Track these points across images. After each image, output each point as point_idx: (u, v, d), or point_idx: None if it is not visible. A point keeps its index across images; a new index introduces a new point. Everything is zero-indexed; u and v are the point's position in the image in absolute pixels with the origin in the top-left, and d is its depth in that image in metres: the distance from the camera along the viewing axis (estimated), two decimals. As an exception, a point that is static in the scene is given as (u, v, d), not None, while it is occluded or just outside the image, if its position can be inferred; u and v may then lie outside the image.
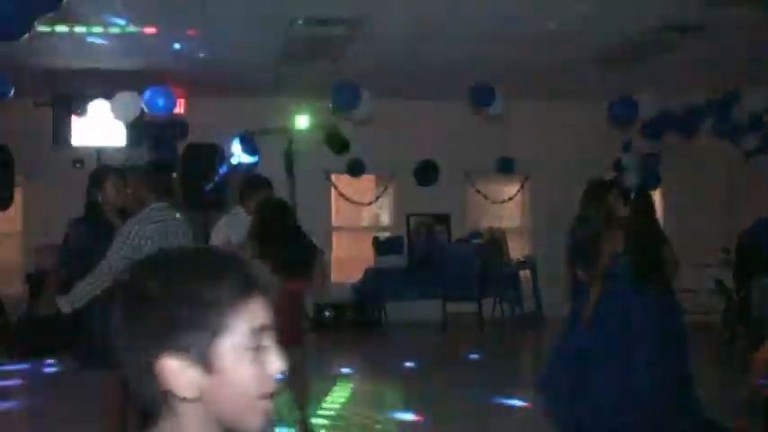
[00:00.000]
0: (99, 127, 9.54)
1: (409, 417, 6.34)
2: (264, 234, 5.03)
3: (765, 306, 7.89)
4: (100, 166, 6.44)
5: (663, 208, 12.78)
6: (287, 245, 5.07)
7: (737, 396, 5.84)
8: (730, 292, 8.59)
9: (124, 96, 8.56)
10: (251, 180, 5.76)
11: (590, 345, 5.31)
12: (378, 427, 5.91)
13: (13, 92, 7.87)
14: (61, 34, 7.82)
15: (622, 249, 5.35)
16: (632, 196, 5.65)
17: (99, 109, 9.03)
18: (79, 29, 7.73)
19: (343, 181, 11.88)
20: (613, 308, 5.30)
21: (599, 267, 5.39)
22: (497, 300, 11.39)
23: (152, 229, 4.36)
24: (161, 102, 8.65)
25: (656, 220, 5.72)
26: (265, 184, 5.68)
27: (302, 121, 10.30)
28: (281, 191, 5.82)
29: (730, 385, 7.58)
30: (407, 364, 8.63)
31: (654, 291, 5.36)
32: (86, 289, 4.30)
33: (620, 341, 5.24)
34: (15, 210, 10.52)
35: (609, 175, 11.20)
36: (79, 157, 10.78)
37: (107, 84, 9.30)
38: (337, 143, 10.36)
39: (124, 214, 4.59)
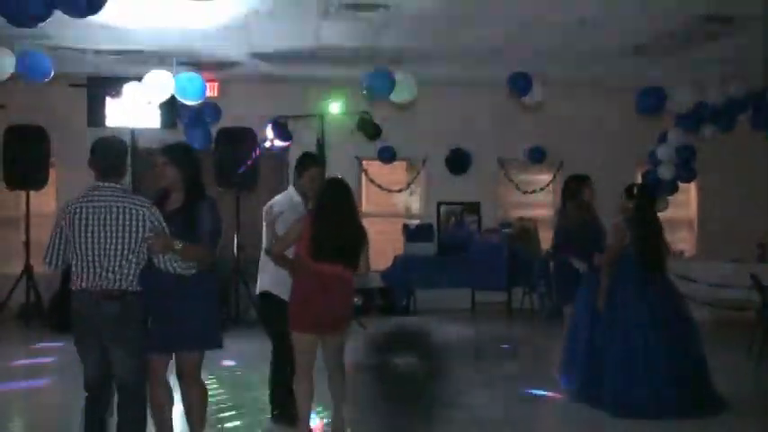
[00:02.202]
0: (134, 108, 9.58)
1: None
2: (323, 217, 4.98)
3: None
4: None
5: (698, 201, 12.62)
6: (343, 230, 4.99)
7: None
8: (765, 288, 8.43)
9: (157, 75, 8.59)
10: (300, 158, 5.71)
11: (603, 329, 5.97)
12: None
13: (52, 74, 7.96)
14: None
15: (629, 239, 6.02)
16: (635, 191, 6.29)
17: (133, 90, 9.08)
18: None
19: (374, 167, 11.86)
20: (624, 293, 5.96)
21: (606, 259, 6.05)
22: (526, 290, 11.32)
23: None
24: (190, 88, 8.69)
25: (655, 212, 6.38)
26: (312, 161, 5.62)
27: (334, 107, 10.28)
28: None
29: (762, 386, 7.47)
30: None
31: (658, 276, 6.09)
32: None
33: (631, 324, 5.87)
34: (50, 190, 10.64)
35: (643, 168, 11.11)
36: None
37: (141, 65, 9.37)
38: (369, 129, 10.33)
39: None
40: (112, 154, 4.21)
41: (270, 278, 5.36)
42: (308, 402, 5.02)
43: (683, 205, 12.59)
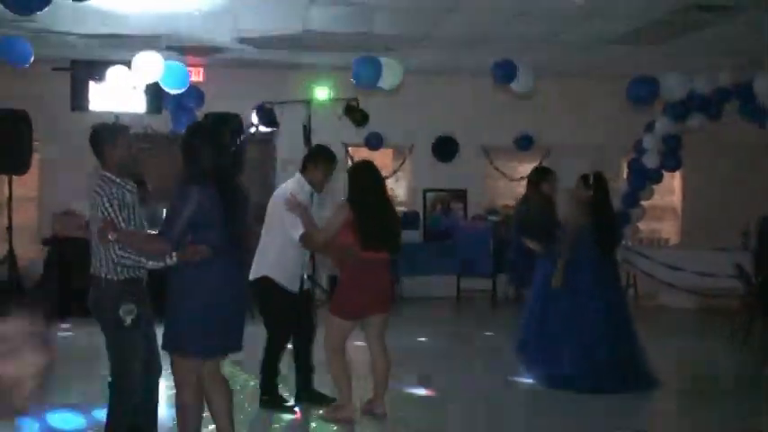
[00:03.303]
0: (118, 93, 9.49)
1: (421, 392, 6.34)
2: (366, 206, 5.11)
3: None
4: None
5: (683, 190, 12.68)
6: (386, 217, 5.22)
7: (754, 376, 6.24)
8: (749, 276, 8.51)
9: (146, 56, 8.51)
10: (317, 151, 5.73)
11: (558, 305, 6.42)
12: (388, 400, 5.90)
13: (32, 58, 7.86)
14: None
15: (587, 224, 6.46)
16: (591, 180, 6.64)
17: (118, 75, 8.99)
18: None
19: (360, 154, 11.82)
20: (580, 273, 6.39)
21: (568, 239, 6.44)
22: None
23: None
24: (173, 78, 8.62)
25: (610, 200, 6.79)
26: (330, 157, 5.60)
27: (321, 93, 10.22)
28: (298, 163, 5.74)
29: (749, 367, 7.54)
30: (421, 339, 8.63)
31: (609, 261, 6.65)
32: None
33: (583, 301, 6.35)
34: (32, 175, 10.54)
35: (629, 156, 11.15)
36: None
37: (127, 50, 9.27)
38: (356, 116, 10.28)
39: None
40: (92, 139, 4.22)
41: (271, 264, 5.33)
42: (348, 381, 5.21)
43: (668, 194, 12.64)
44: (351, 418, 5.28)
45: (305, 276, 5.61)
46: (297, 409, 5.59)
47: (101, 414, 4.40)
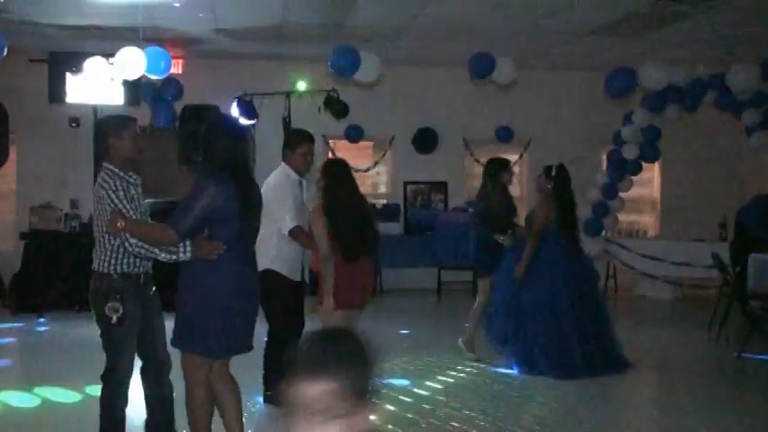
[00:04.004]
0: (96, 85, 9.41)
1: (401, 383, 6.36)
2: (341, 218, 5.11)
3: (761, 280, 7.91)
4: None
5: (661, 181, 12.78)
6: (363, 228, 5.22)
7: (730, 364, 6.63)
8: (727, 267, 8.59)
9: (129, 52, 8.43)
10: (291, 135, 5.69)
11: (524, 294, 6.61)
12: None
13: (6, 50, 7.76)
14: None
15: (553, 216, 6.65)
16: (554, 171, 6.79)
17: (96, 67, 8.90)
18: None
19: (341, 146, 11.81)
20: (546, 262, 6.61)
21: (534, 230, 6.65)
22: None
23: None
24: (156, 62, 8.53)
25: (572, 191, 6.91)
26: (304, 138, 5.57)
27: (301, 85, 10.20)
28: (278, 156, 5.71)
29: (726, 355, 7.63)
30: (402, 331, 8.65)
31: (574, 248, 6.84)
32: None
33: (549, 290, 6.56)
34: (10, 168, 10.44)
35: (608, 148, 11.21)
36: (75, 116, 10.68)
37: (104, 42, 9.19)
38: (337, 108, 10.27)
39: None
40: (98, 132, 4.27)
41: (273, 257, 5.31)
42: None
43: (647, 185, 12.73)
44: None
45: (303, 266, 5.59)
46: None
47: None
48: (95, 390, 4.39)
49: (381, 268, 11.19)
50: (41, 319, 8.83)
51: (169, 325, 4.14)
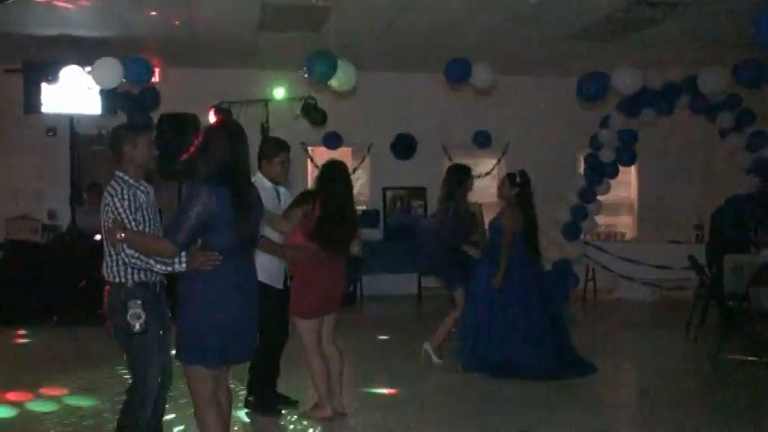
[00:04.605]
0: (72, 95, 9.35)
1: (383, 391, 6.36)
2: (332, 211, 5.13)
3: (736, 282, 8.00)
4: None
5: (638, 184, 12.89)
6: (348, 221, 5.23)
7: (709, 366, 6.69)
8: (703, 268, 8.68)
9: (106, 63, 8.40)
10: (267, 144, 5.67)
11: (500, 304, 6.66)
12: (351, 400, 5.92)
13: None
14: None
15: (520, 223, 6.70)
16: (518, 178, 6.81)
17: (72, 76, 8.86)
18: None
19: (319, 153, 11.82)
20: (516, 273, 6.66)
21: (506, 239, 6.64)
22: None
23: None
24: (137, 71, 8.52)
25: (533, 197, 6.92)
26: (281, 147, 5.56)
27: (279, 93, 10.21)
28: (256, 163, 5.70)
29: (701, 360, 7.71)
30: (382, 337, 8.65)
31: (535, 255, 6.92)
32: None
33: (522, 299, 6.65)
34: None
35: (585, 152, 11.29)
36: (51, 126, 10.62)
37: (80, 51, 9.15)
38: (314, 115, 10.28)
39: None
40: (112, 140, 4.11)
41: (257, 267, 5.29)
42: (325, 379, 5.27)
43: (624, 188, 12.83)
44: (330, 417, 5.33)
45: (287, 273, 5.56)
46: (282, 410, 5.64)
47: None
48: (75, 400, 4.37)
49: (360, 275, 11.21)
50: (21, 331, 8.75)
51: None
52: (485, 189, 12.57)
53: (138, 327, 3.88)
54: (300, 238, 5.14)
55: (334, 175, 5.32)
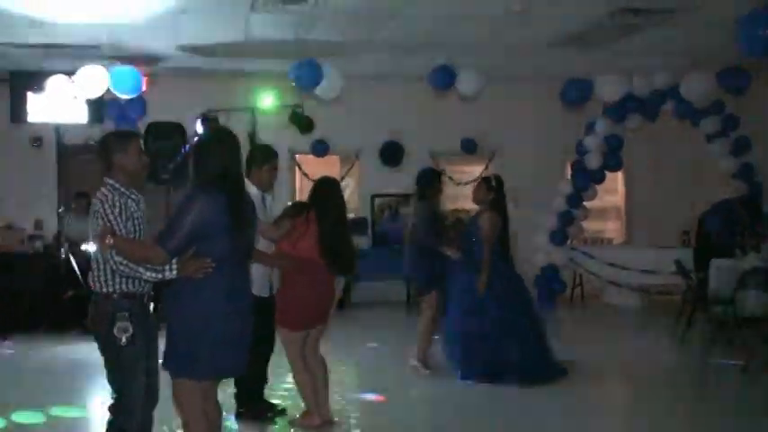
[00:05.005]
0: (58, 104, 9.32)
1: (372, 397, 6.36)
2: (332, 228, 5.17)
3: (723, 286, 8.04)
4: None
5: (625, 190, 12.96)
6: (346, 240, 5.29)
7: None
8: (690, 273, 8.73)
9: (90, 70, 8.39)
10: (256, 152, 5.66)
11: (486, 309, 6.63)
12: (340, 407, 5.91)
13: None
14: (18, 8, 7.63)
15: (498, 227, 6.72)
16: (493, 182, 6.84)
17: (58, 85, 8.84)
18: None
19: (307, 161, 11.82)
20: (497, 276, 6.66)
21: (487, 243, 6.63)
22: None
23: None
24: (127, 82, 8.52)
25: (506, 202, 6.94)
26: (270, 155, 5.57)
27: (266, 101, 10.21)
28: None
29: (688, 365, 7.75)
30: (371, 344, 8.65)
31: (510, 260, 6.97)
32: None
33: (506, 302, 6.67)
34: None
35: (571, 158, 11.35)
36: (38, 136, 10.59)
37: (68, 60, 9.13)
38: (302, 123, 10.29)
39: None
40: (102, 148, 4.00)
41: None
42: (313, 390, 5.28)
43: (611, 193, 12.89)
44: (318, 425, 5.33)
45: (271, 283, 5.55)
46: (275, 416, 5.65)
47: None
48: (62, 411, 4.34)
49: (351, 283, 11.20)
50: (6, 342, 8.70)
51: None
52: (471, 196, 12.61)
53: (124, 340, 3.78)
54: (286, 247, 5.15)
55: (332, 191, 5.34)
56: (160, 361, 3.93)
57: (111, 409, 3.94)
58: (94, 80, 8.41)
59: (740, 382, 6.93)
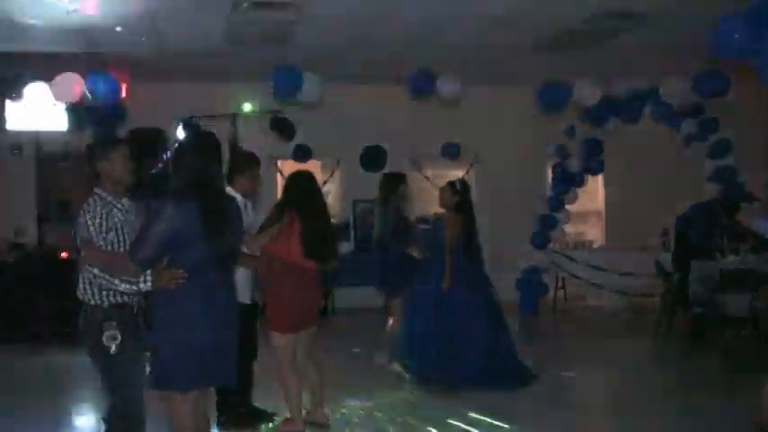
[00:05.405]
0: (38, 111, 9.26)
1: (356, 403, 6.36)
2: (309, 217, 5.16)
3: (702, 288, 8.11)
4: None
5: (605, 193, 13.04)
6: (326, 227, 5.31)
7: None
8: (670, 275, 8.80)
9: (66, 78, 8.34)
10: (238, 158, 5.66)
11: (448, 313, 6.65)
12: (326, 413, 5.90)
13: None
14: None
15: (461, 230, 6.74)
16: (458, 186, 6.89)
17: (37, 92, 8.77)
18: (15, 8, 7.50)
19: (289, 167, 11.79)
20: (462, 280, 6.67)
21: (449, 245, 6.67)
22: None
23: None
24: (104, 88, 8.46)
25: (471, 205, 7.00)
26: (254, 161, 5.57)
27: (247, 107, 10.19)
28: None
29: (669, 365, 7.81)
30: (355, 350, 8.65)
31: (477, 263, 6.96)
32: None
33: (467, 308, 6.67)
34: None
35: (553, 161, 11.40)
36: (17, 143, 10.51)
37: (46, 67, 9.06)
38: (283, 129, 10.28)
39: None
40: (88, 157, 3.99)
41: None
42: (299, 395, 5.29)
43: (592, 197, 12.96)
44: (301, 431, 5.32)
45: (253, 289, 5.54)
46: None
47: None
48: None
49: (333, 288, 11.19)
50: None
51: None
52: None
53: (114, 348, 3.76)
54: (280, 252, 5.14)
55: (302, 184, 5.34)
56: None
57: (107, 420, 3.93)
58: (70, 87, 8.36)
59: (719, 381, 6.99)
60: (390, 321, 7.29)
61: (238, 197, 5.36)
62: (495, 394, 6.42)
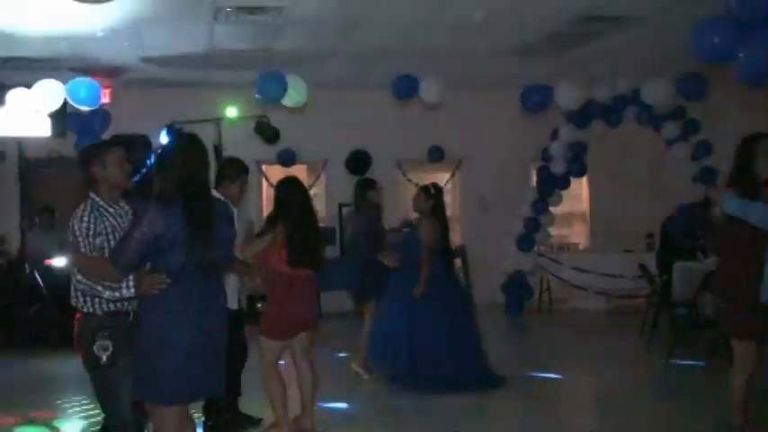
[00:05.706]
0: (21, 117, 9.20)
1: (342, 405, 6.36)
2: (296, 223, 5.14)
3: (686, 289, 8.17)
4: None
5: (589, 195, 13.10)
6: (313, 234, 5.27)
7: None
8: (654, 277, 8.86)
9: (47, 84, 8.31)
10: (228, 164, 5.63)
11: (421, 317, 6.65)
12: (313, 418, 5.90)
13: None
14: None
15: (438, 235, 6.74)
16: (432, 191, 6.89)
17: (19, 98, 8.72)
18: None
19: (274, 171, 11.79)
20: (436, 284, 6.68)
21: (426, 250, 6.68)
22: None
23: None
24: (84, 93, 8.44)
25: (445, 210, 7.09)
26: (243, 168, 5.56)
27: (231, 111, 10.17)
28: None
29: (653, 366, 7.85)
30: (341, 354, 8.64)
31: (452, 268, 7.04)
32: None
33: (443, 311, 6.69)
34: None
35: (536, 164, 11.45)
36: (-1, 150, 10.47)
37: (28, 72, 9.03)
38: (268, 133, 10.26)
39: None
40: (81, 163, 3.91)
41: None
42: (282, 398, 5.25)
43: (576, 199, 13.03)
44: None
45: (239, 296, 5.53)
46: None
47: None
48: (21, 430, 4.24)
49: (319, 292, 11.13)
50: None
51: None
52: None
53: (105, 359, 3.69)
54: (274, 262, 5.15)
55: (290, 191, 5.34)
56: None
57: (103, 428, 3.93)
58: (51, 92, 8.32)
59: (703, 381, 7.05)
60: (364, 327, 7.28)
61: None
62: (475, 396, 6.45)
